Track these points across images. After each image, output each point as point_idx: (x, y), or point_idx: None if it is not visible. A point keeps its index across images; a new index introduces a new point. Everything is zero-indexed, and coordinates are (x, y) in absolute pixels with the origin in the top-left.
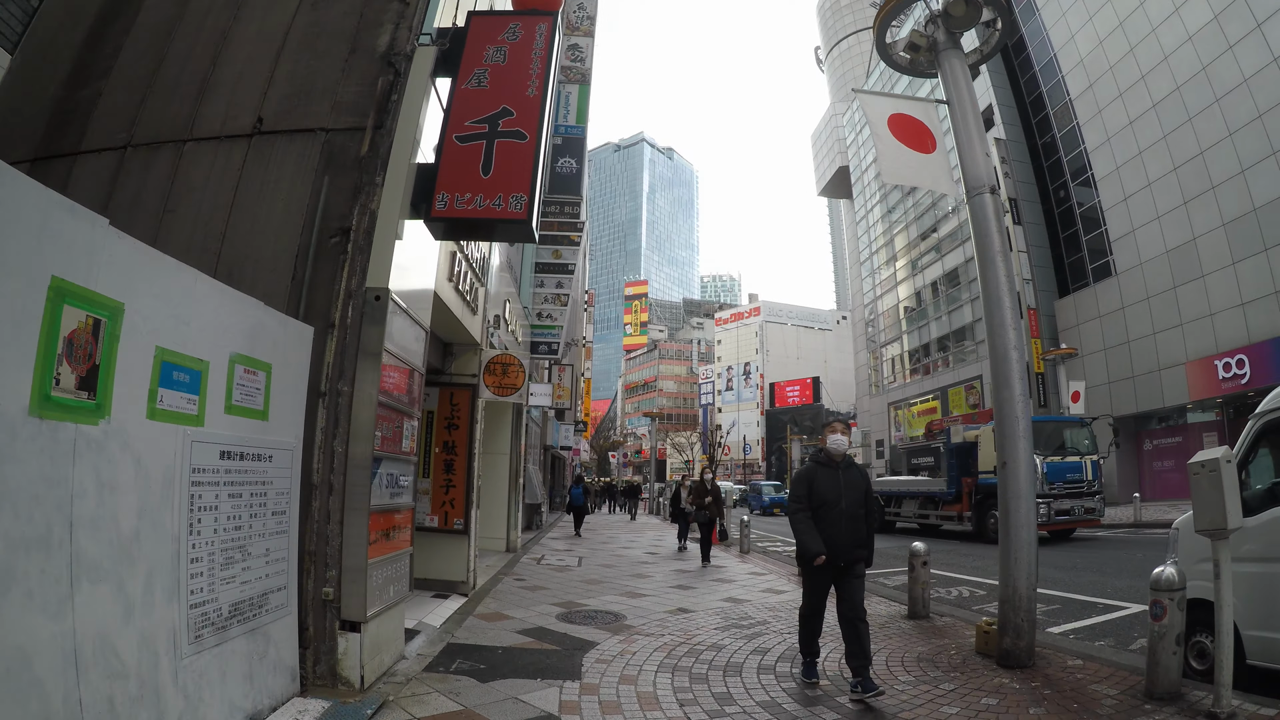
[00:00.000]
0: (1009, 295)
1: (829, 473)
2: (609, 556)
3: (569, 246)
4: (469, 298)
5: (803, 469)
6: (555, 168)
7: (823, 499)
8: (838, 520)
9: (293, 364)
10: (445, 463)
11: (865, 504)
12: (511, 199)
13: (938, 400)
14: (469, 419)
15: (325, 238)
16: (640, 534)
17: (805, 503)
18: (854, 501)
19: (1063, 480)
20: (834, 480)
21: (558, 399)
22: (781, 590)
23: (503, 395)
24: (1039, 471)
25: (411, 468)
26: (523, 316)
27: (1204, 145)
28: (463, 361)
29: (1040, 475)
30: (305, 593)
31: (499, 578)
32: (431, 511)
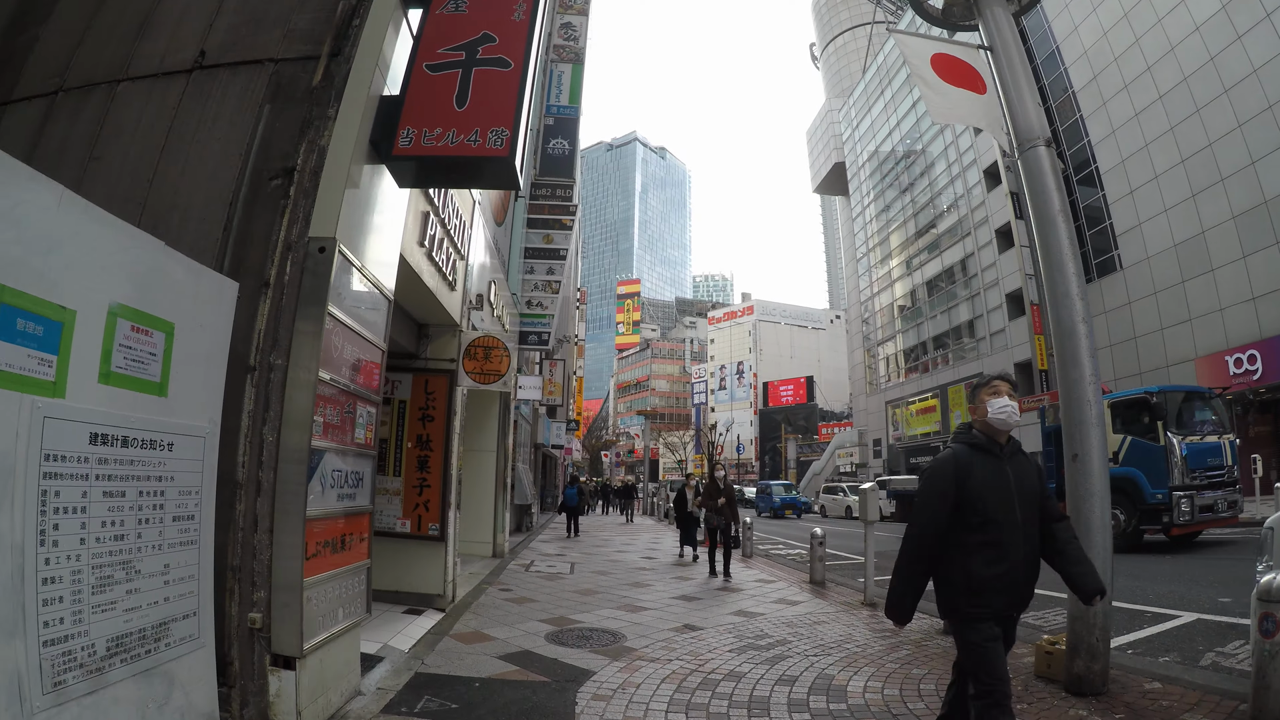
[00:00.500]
0: (1073, 260)
1: (992, 464)
2: (603, 562)
3: (561, 231)
4: (445, 270)
5: (943, 458)
6: (547, 149)
7: (986, 510)
8: (1015, 545)
9: (209, 327)
10: (419, 459)
11: (1042, 513)
12: (491, 134)
13: (937, 399)
14: (446, 410)
15: (264, 180)
16: (635, 536)
17: (944, 517)
18: (1030, 512)
19: (1203, 467)
20: (1000, 477)
21: (548, 394)
22: (795, 601)
23: (484, 383)
24: (1178, 455)
25: (368, 463)
26: (511, 304)
27: (1213, 137)
28: (439, 345)
29: (1180, 460)
30: (227, 618)
31: (482, 588)
32: (403, 515)
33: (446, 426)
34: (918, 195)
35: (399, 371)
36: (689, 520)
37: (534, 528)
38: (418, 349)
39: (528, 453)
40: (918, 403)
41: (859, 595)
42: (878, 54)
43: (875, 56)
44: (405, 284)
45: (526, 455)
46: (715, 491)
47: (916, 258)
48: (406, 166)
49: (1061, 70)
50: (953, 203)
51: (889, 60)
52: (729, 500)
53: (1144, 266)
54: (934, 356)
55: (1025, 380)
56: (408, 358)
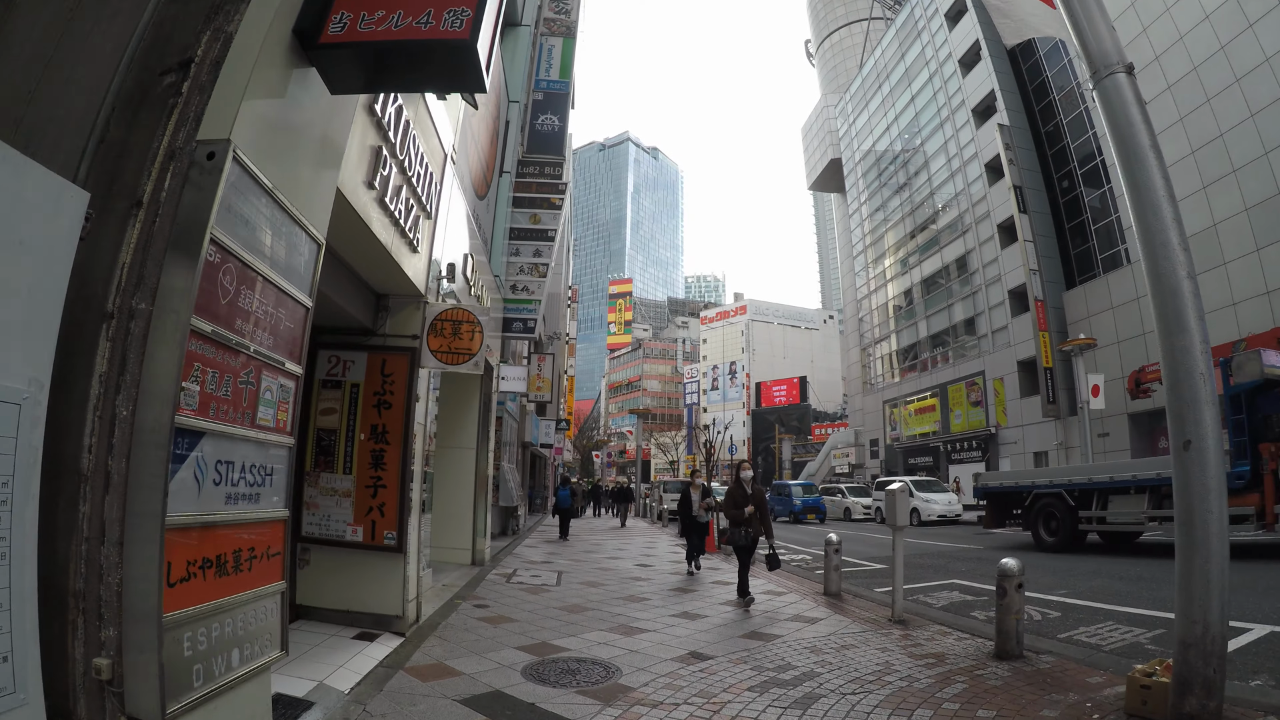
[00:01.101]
0: (1168, 203)
1: None
2: (594, 570)
3: (549, 211)
4: (405, 225)
5: None
6: (535, 125)
7: None
8: None
9: (34, 248)
10: (373, 454)
11: None
12: (448, 14)
13: (936, 398)
14: (405, 395)
15: (154, 76)
16: (628, 539)
17: None
18: None
19: None
20: None
21: (536, 390)
22: (814, 618)
23: (452, 364)
24: None
25: (282, 455)
26: (494, 288)
27: (1224, 127)
28: (401, 319)
29: None
30: (70, 663)
31: (455, 604)
32: (354, 520)
33: (406, 415)
34: (916, 191)
35: (352, 350)
36: (695, 527)
37: (521, 531)
38: (375, 323)
39: (515, 451)
40: (916, 402)
41: (884, 610)
42: (875, 48)
43: (873, 51)
44: (348, 233)
45: (513, 454)
46: (742, 498)
47: (915, 254)
48: (339, 60)
49: (1065, 61)
50: (953, 198)
51: (887, 54)
52: (760, 509)
53: None
54: (933, 355)
55: (1029, 379)
56: (363, 333)
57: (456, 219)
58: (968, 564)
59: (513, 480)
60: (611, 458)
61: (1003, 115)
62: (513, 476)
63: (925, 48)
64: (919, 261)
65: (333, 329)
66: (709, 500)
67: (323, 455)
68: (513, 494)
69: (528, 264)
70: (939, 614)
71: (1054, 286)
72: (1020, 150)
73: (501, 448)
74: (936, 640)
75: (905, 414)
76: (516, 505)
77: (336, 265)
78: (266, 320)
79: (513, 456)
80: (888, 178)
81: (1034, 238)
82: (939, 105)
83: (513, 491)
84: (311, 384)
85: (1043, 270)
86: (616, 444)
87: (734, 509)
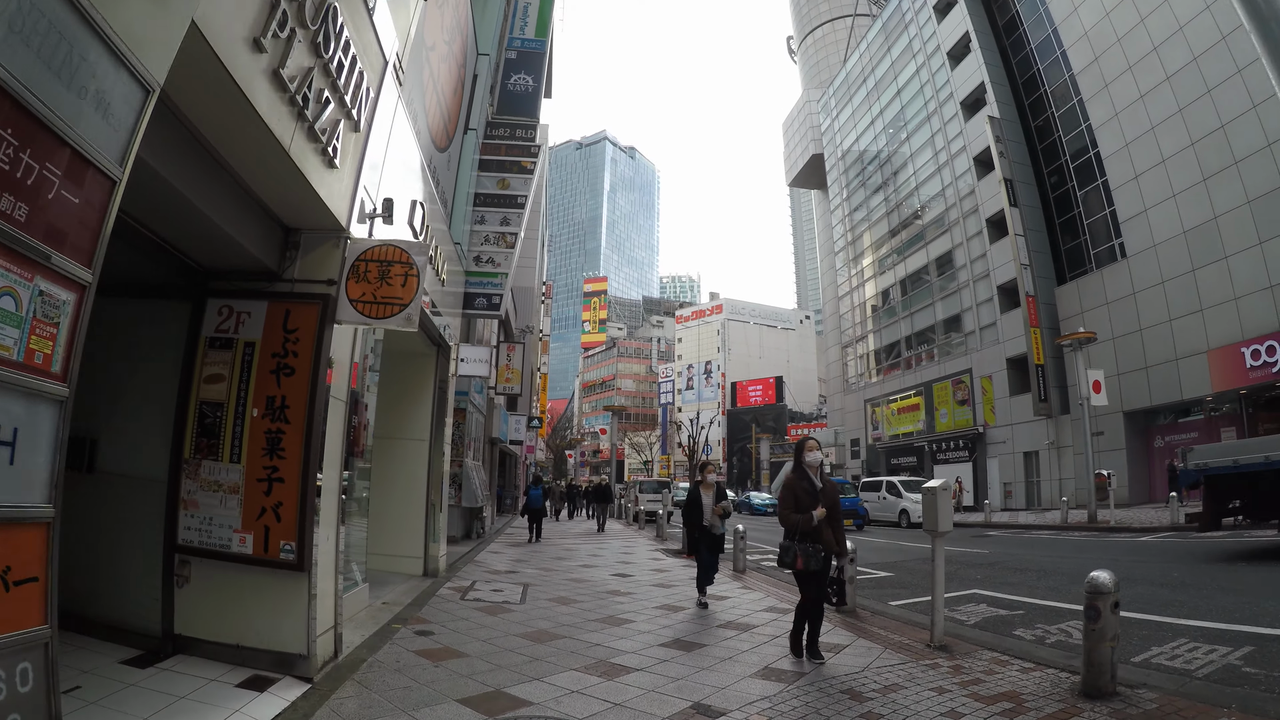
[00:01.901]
0: None
1: None
2: (565, 582)
3: (519, 175)
4: (316, 123)
5: None
6: (507, 84)
7: None
8: None
9: None
10: (268, 436)
11: None
12: None
13: (921, 396)
14: (312, 358)
15: None
16: (603, 543)
17: None
18: None
19: None
20: None
21: (505, 381)
22: (835, 644)
23: (376, 316)
24: None
25: (41, 413)
26: (455, 259)
27: (1225, 118)
28: (314, 260)
29: None
30: None
31: (391, 630)
32: (242, 525)
33: (313, 385)
34: (901, 185)
35: (249, 298)
36: (708, 540)
37: (487, 534)
38: (281, 265)
39: (481, 448)
40: (899, 401)
41: (915, 631)
42: (860, 41)
43: (858, 44)
44: (223, 112)
45: (480, 450)
46: (809, 496)
47: (898, 250)
48: None
49: (1058, 54)
50: (939, 192)
51: (872, 48)
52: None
53: (1150, 255)
54: (917, 352)
55: (1020, 377)
56: (266, 278)
57: (404, 155)
58: (981, 570)
59: (477, 479)
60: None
61: (993, 107)
62: (477, 475)
63: (913, 40)
64: (903, 257)
65: (226, 272)
66: (725, 504)
67: (206, 437)
68: (477, 494)
69: (494, 233)
70: (978, 634)
71: (1045, 282)
72: (1011, 143)
73: (465, 443)
74: (997, 673)
75: (888, 413)
76: (481, 506)
77: (221, 178)
78: (22, 178)
79: (478, 453)
80: (871, 173)
81: (1025, 232)
82: (926, 98)
83: (477, 491)
84: (196, 343)
85: (1034, 265)
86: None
87: (798, 512)
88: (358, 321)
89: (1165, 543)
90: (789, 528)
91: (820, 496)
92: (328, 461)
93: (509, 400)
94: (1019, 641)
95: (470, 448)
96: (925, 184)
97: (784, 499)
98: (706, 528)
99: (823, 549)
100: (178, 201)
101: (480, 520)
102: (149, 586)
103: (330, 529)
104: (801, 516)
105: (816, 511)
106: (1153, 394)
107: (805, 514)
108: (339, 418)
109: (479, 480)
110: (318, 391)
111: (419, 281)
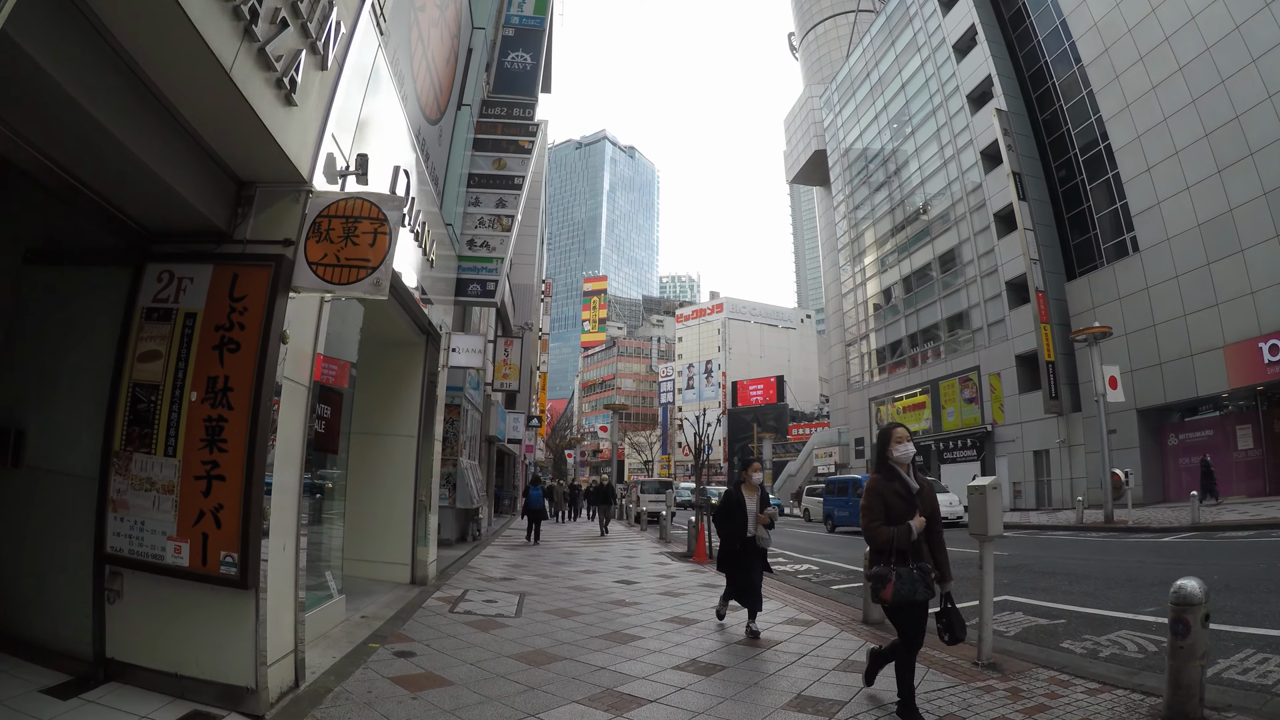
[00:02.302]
0: None
1: None
2: (565, 590)
3: (517, 155)
4: (268, 45)
5: None
6: (503, 63)
7: None
8: None
9: None
10: (208, 425)
11: None
12: None
13: (927, 394)
14: (262, 331)
15: None
16: (605, 546)
17: None
18: None
19: None
20: None
21: (503, 377)
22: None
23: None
24: None
25: None
26: (447, 243)
27: (1240, 108)
28: (270, 217)
29: None
30: None
31: (367, 650)
32: (177, 533)
33: (260, 363)
34: (906, 180)
35: (194, 262)
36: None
37: (483, 536)
38: (231, 223)
39: (478, 446)
40: (905, 399)
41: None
42: (863, 36)
43: (861, 39)
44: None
45: (476, 449)
46: (903, 502)
47: (903, 246)
48: None
49: (1066, 46)
50: (945, 187)
51: (875, 42)
52: (934, 522)
53: (1164, 248)
54: (923, 350)
55: (1030, 374)
56: (214, 238)
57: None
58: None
59: (473, 478)
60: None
61: (1000, 100)
62: (473, 474)
63: (917, 34)
64: (907, 254)
65: (173, 234)
66: (772, 510)
67: (138, 426)
68: (472, 494)
69: (489, 215)
70: (1023, 648)
71: (1054, 277)
72: (1020, 135)
73: (461, 441)
74: (1061, 696)
75: (893, 412)
76: (477, 507)
77: (156, 112)
78: None
79: (475, 451)
80: (874, 169)
81: (1034, 226)
82: (931, 92)
83: (472, 491)
84: (131, 314)
85: (1043, 260)
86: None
87: (891, 523)
88: (318, 287)
89: (1190, 543)
90: (879, 545)
91: (918, 502)
92: (283, 458)
93: (507, 397)
94: (1070, 656)
95: (466, 446)
96: (930, 179)
97: (870, 507)
98: (750, 539)
99: (932, 571)
100: (105, 143)
101: (476, 522)
102: (80, 602)
103: (287, 538)
104: (897, 530)
105: (915, 522)
106: (1167, 391)
107: (901, 526)
108: (298, 406)
109: (475, 480)
110: (265, 371)
111: (391, 240)
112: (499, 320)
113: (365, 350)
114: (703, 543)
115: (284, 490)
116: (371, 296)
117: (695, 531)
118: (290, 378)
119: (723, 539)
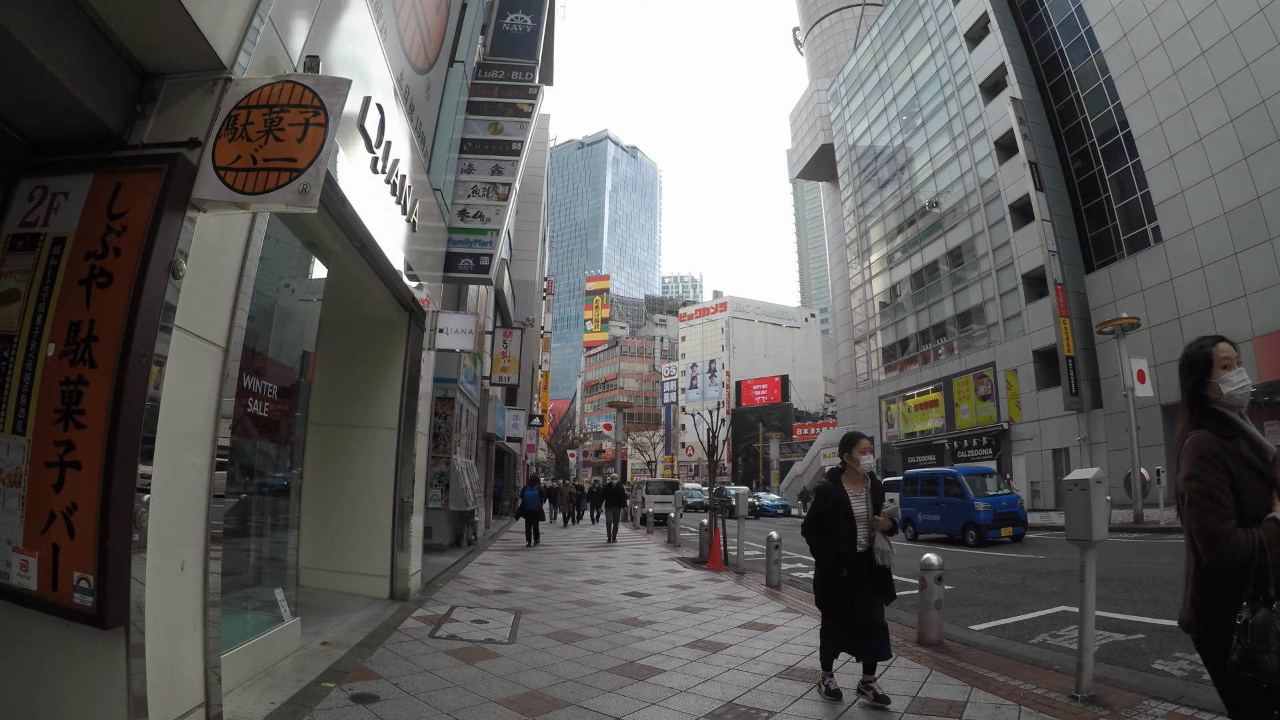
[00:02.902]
0: None
1: None
2: (567, 605)
3: (515, 119)
4: None
5: None
6: (501, 24)
7: None
8: None
9: None
10: (64, 389)
11: None
12: None
13: (940, 392)
14: (139, 258)
15: None
16: (612, 551)
17: None
18: None
19: None
20: None
21: (501, 371)
22: (954, 701)
23: (256, 191)
24: None
25: None
26: (436, 214)
27: (1266, 92)
28: (175, 115)
29: None
30: None
31: (320, 691)
32: (24, 542)
33: (134, 302)
34: (917, 173)
35: (74, 172)
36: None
37: (480, 540)
38: (128, 126)
39: (474, 444)
40: (917, 397)
41: (1042, 674)
42: (871, 27)
43: (869, 30)
44: None
45: (472, 447)
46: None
47: (914, 240)
48: None
49: (1082, 32)
50: (957, 179)
51: (884, 33)
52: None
53: (1188, 238)
54: (935, 346)
55: (1049, 369)
56: (106, 144)
57: (355, 35)
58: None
59: (468, 478)
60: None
61: (1015, 89)
62: (469, 474)
63: (927, 23)
64: (918, 248)
65: (55, 141)
66: (892, 508)
67: None
68: (468, 495)
69: (484, 184)
70: (1115, 672)
71: (1073, 270)
72: (1035, 125)
73: (456, 438)
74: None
75: (904, 410)
76: (473, 509)
77: None
78: None
79: (470, 450)
80: (884, 161)
81: (1051, 217)
82: (942, 82)
83: (468, 492)
84: None
85: (1061, 252)
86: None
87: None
88: (223, 197)
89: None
90: (1233, 562)
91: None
92: (178, 441)
93: (507, 393)
94: (1172, 680)
95: (462, 443)
96: (942, 171)
97: (1205, 491)
98: (865, 554)
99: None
100: None
101: (472, 525)
102: None
103: (187, 552)
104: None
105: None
106: None
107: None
108: (205, 370)
109: (471, 480)
110: (142, 312)
111: (328, 133)
112: (498, 313)
113: (337, 330)
114: (717, 547)
115: (179, 489)
116: (297, 209)
117: (709, 535)
118: (189, 329)
119: (818, 558)
